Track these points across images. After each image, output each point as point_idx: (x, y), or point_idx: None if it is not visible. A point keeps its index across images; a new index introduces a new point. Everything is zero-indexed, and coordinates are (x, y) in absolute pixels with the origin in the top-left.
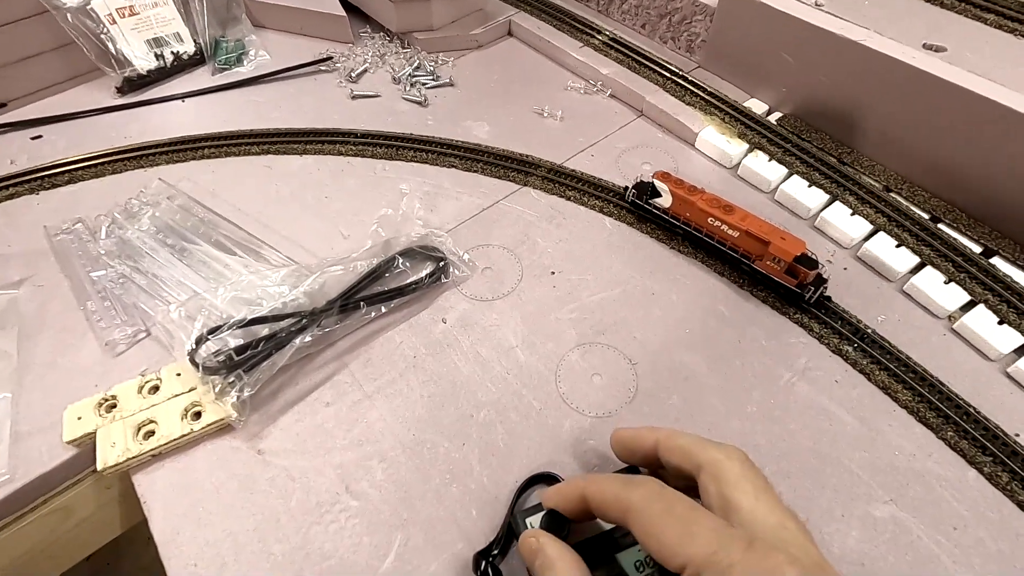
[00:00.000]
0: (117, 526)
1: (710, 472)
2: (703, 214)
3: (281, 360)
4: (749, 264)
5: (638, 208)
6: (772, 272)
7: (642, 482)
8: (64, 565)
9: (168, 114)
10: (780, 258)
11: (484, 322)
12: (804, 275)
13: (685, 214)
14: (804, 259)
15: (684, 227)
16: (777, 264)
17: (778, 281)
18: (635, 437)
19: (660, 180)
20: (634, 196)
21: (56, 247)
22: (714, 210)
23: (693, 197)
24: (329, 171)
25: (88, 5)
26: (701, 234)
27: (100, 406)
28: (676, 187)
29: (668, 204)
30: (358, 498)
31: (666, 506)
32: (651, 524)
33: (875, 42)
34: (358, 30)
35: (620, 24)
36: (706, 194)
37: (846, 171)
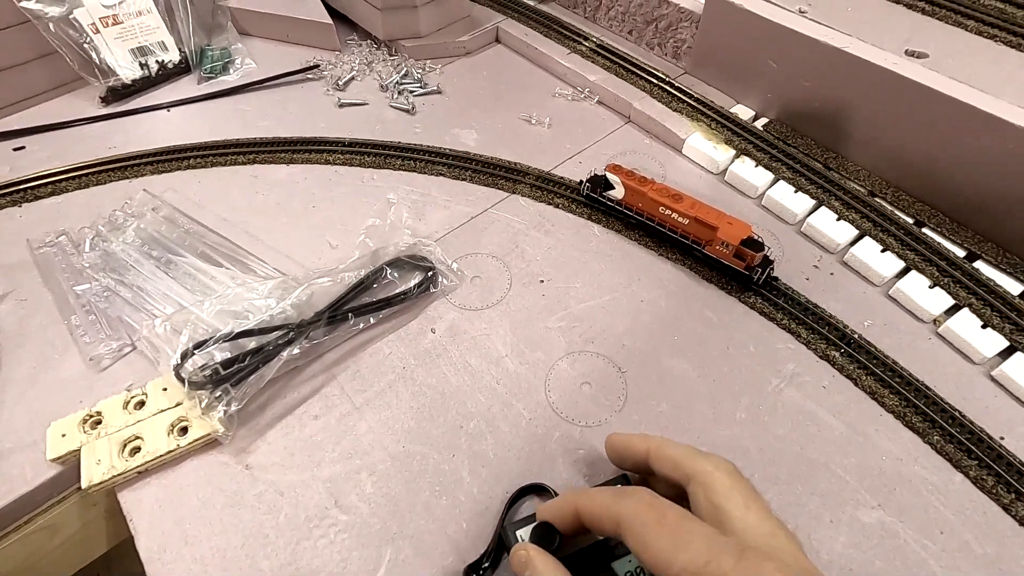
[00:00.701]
0: (104, 543)
1: (699, 482)
2: (654, 203)
3: (269, 373)
4: (700, 250)
5: (593, 201)
6: (722, 256)
7: (633, 492)
8: None
9: (153, 124)
10: (728, 242)
11: (473, 331)
12: (751, 258)
13: (637, 205)
14: (750, 242)
15: (637, 217)
16: (726, 248)
17: (727, 265)
18: (627, 444)
19: (612, 173)
20: (588, 190)
21: (39, 260)
22: (664, 199)
23: (644, 188)
24: (316, 180)
25: (71, 15)
26: (653, 223)
27: (85, 422)
28: (627, 179)
29: (621, 196)
30: (347, 512)
31: (658, 515)
32: (644, 534)
33: (858, 48)
34: (345, 38)
35: (607, 31)
36: (656, 184)
37: (831, 176)
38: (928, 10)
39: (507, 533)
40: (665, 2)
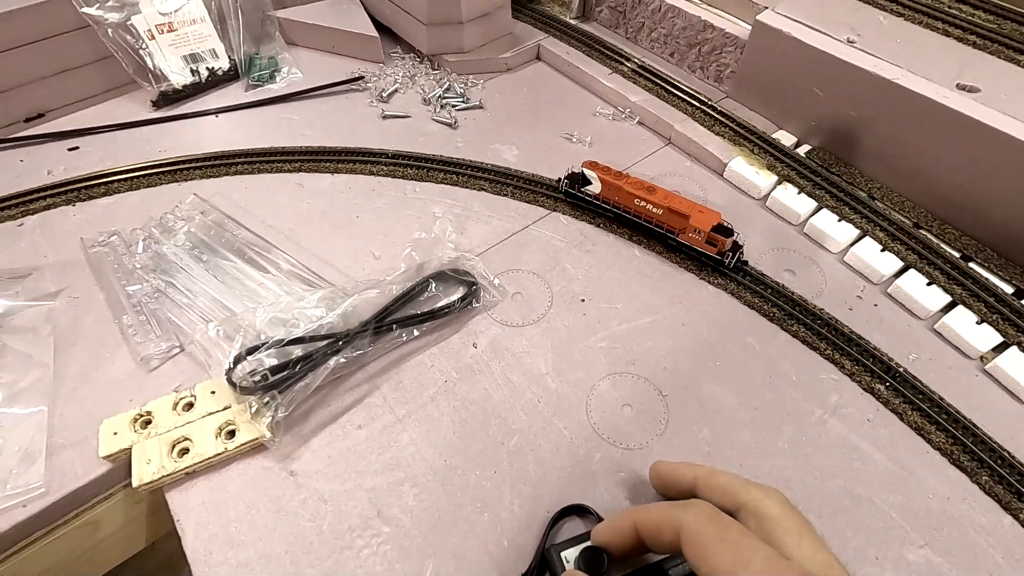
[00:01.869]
0: (142, 540)
1: (751, 511)
2: (630, 196)
3: (315, 382)
4: (675, 238)
5: (571, 196)
6: (695, 243)
7: (694, 503)
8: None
9: (201, 129)
10: (700, 229)
11: (515, 348)
12: (722, 243)
13: (614, 198)
14: (720, 228)
15: (614, 210)
16: (698, 235)
17: (700, 252)
18: (673, 472)
19: (589, 168)
20: (566, 186)
21: (92, 259)
22: (639, 192)
23: (620, 182)
24: (360, 191)
25: (128, 21)
26: (630, 215)
27: (135, 422)
28: (604, 174)
29: (598, 190)
30: (389, 523)
31: (719, 530)
32: (704, 547)
33: (909, 81)
34: (388, 50)
35: (648, 52)
36: (631, 178)
37: (876, 206)
38: (980, 44)
39: (551, 555)
40: (710, 26)
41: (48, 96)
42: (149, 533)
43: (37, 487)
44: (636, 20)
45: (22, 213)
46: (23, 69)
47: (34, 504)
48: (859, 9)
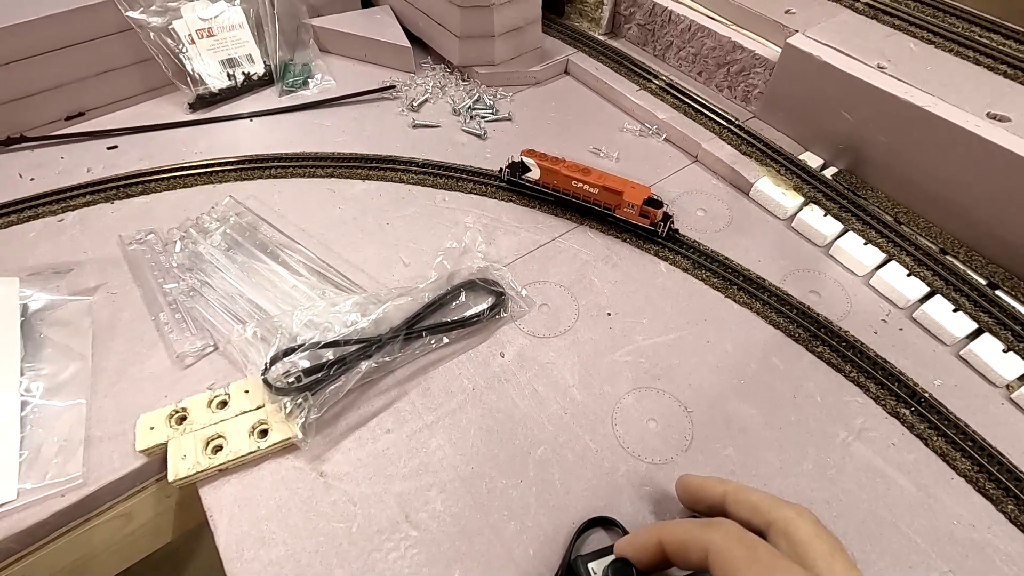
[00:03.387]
0: (169, 533)
1: (780, 529)
2: (567, 179)
3: (348, 385)
4: (612, 214)
5: (514, 185)
6: (630, 217)
7: (721, 523)
8: (116, 569)
9: (236, 132)
10: (633, 203)
11: (541, 359)
12: (654, 215)
13: (553, 182)
14: (652, 201)
15: (554, 194)
16: (632, 209)
17: (636, 224)
18: (703, 486)
19: (527, 156)
20: (508, 175)
21: (129, 256)
22: (575, 174)
23: (557, 166)
24: (390, 198)
25: (170, 25)
26: (569, 196)
27: (171, 417)
28: (541, 160)
29: (537, 176)
30: (417, 528)
31: (749, 551)
32: (734, 568)
33: (940, 109)
34: (419, 60)
35: (676, 70)
36: (567, 161)
37: (902, 231)
38: (1011, 74)
39: (579, 565)
40: (739, 47)
41: (89, 96)
42: (176, 527)
43: (76, 478)
44: (665, 38)
45: (63, 209)
46: (67, 69)
47: (72, 494)
48: (890, 35)
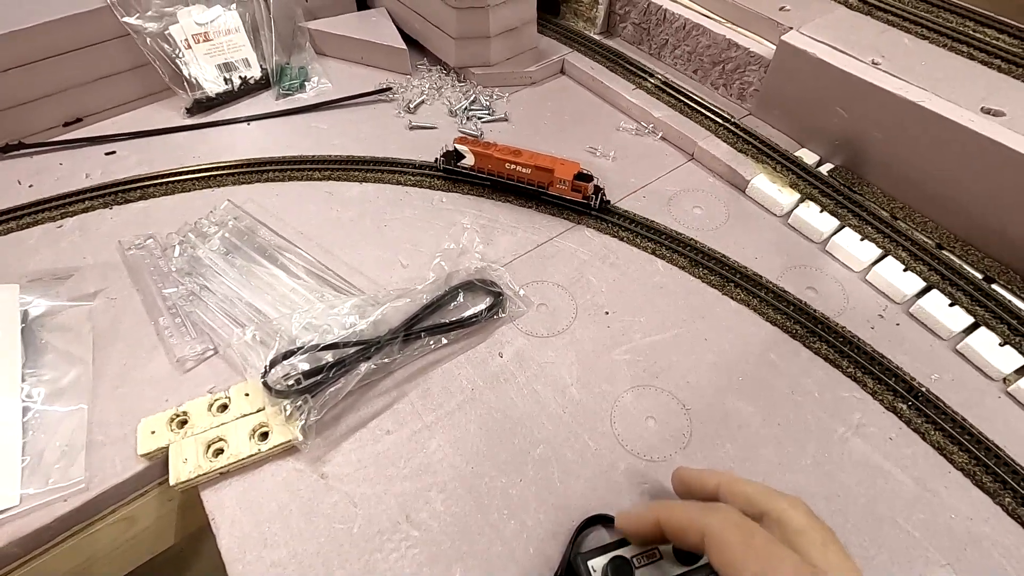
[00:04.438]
0: (172, 536)
1: (775, 519)
2: (500, 162)
3: (347, 387)
4: (546, 192)
5: (450, 173)
6: (563, 193)
7: (719, 508)
8: (119, 573)
9: (233, 136)
10: (564, 179)
11: (540, 359)
12: (585, 188)
13: (487, 167)
14: (582, 176)
15: (490, 177)
16: (564, 185)
17: (569, 199)
18: (698, 478)
19: (460, 144)
20: (443, 163)
21: (129, 261)
22: (508, 156)
23: (489, 151)
24: (387, 200)
25: (166, 30)
26: (503, 179)
27: (172, 421)
28: (474, 146)
29: (472, 162)
30: (418, 528)
31: (745, 536)
32: (730, 553)
33: (934, 104)
34: (415, 62)
35: (671, 68)
36: (499, 145)
37: (898, 226)
38: (1005, 68)
39: (579, 563)
40: (734, 45)
41: (87, 101)
42: (179, 530)
43: (79, 482)
44: (660, 37)
45: (62, 215)
46: (65, 75)
47: (75, 499)
48: (884, 31)
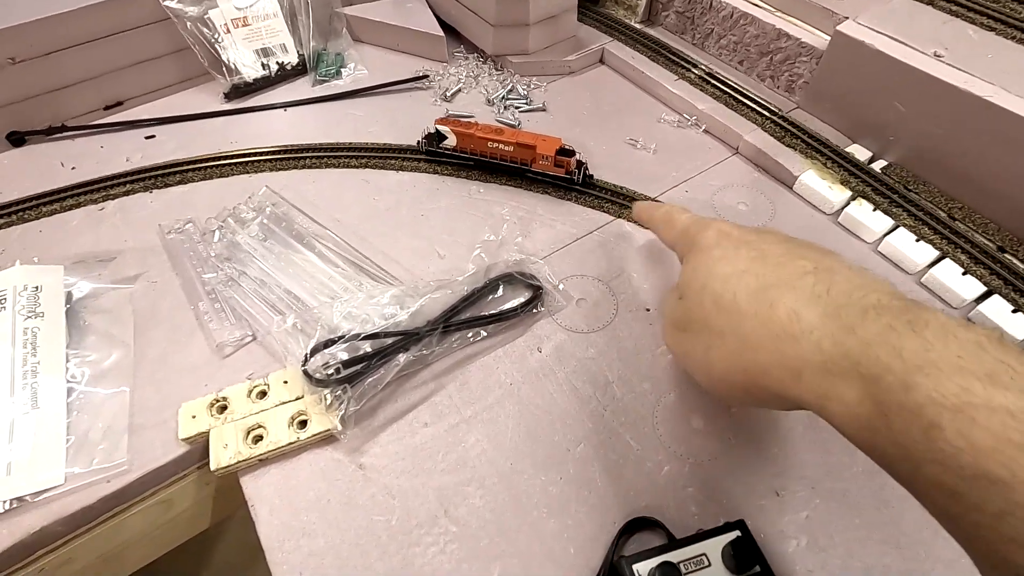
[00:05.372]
0: (207, 520)
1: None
2: (482, 141)
3: (387, 377)
4: (530, 169)
5: (433, 155)
6: (546, 169)
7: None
8: (154, 555)
9: (270, 122)
10: (547, 155)
11: (580, 354)
12: (568, 164)
13: (470, 147)
14: (564, 151)
15: (473, 157)
16: (547, 161)
17: (552, 175)
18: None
19: (442, 124)
20: (426, 145)
21: (168, 245)
22: (489, 136)
23: (471, 130)
24: (424, 189)
25: (206, 15)
26: (487, 158)
27: (212, 406)
28: (455, 126)
29: (454, 143)
30: (456, 523)
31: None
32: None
33: (1002, 99)
34: (452, 49)
35: (716, 59)
36: (480, 124)
37: (957, 227)
38: None
39: (622, 566)
40: (784, 35)
41: (127, 85)
42: (214, 514)
43: (121, 464)
44: (705, 26)
45: (103, 198)
46: (106, 59)
47: (117, 480)
48: (947, 22)
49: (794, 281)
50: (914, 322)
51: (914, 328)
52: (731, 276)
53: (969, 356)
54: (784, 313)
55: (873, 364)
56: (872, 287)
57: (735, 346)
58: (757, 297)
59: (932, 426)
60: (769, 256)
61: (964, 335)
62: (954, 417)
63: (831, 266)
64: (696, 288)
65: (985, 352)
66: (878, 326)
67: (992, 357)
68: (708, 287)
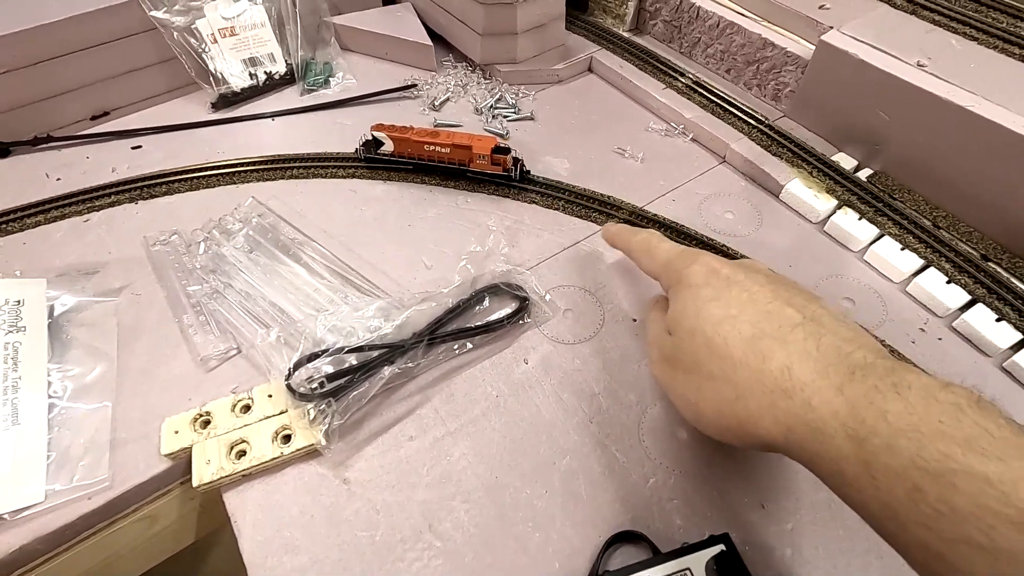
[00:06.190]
0: (192, 535)
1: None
2: (419, 144)
3: (371, 391)
4: (468, 170)
5: (371, 161)
6: (484, 168)
7: (699, 258)
8: (139, 570)
9: (258, 132)
10: (483, 154)
11: (566, 366)
12: (504, 161)
13: (407, 151)
14: (499, 149)
15: (411, 161)
16: (484, 160)
17: (491, 173)
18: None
19: (377, 131)
20: (364, 153)
21: (153, 257)
22: (425, 138)
23: (407, 134)
24: (412, 199)
25: (193, 24)
26: (424, 161)
27: (196, 421)
28: (391, 131)
29: (392, 148)
30: (441, 538)
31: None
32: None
33: (984, 109)
34: (440, 58)
35: (703, 67)
36: (415, 128)
37: (941, 236)
38: None
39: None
40: (770, 44)
41: (114, 95)
42: (199, 528)
43: (103, 480)
44: (692, 35)
45: (88, 209)
46: (92, 69)
47: (99, 497)
48: (930, 32)
49: (786, 335)
50: (898, 384)
51: (898, 390)
52: (723, 321)
53: (949, 420)
54: (777, 368)
55: (860, 426)
56: (858, 342)
57: (728, 393)
58: (751, 346)
59: (915, 489)
60: (759, 299)
61: (945, 397)
62: (935, 482)
63: (816, 315)
64: (687, 327)
65: (965, 415)
66: (864, 387)
67: (971, 420)
68: (699, 329)
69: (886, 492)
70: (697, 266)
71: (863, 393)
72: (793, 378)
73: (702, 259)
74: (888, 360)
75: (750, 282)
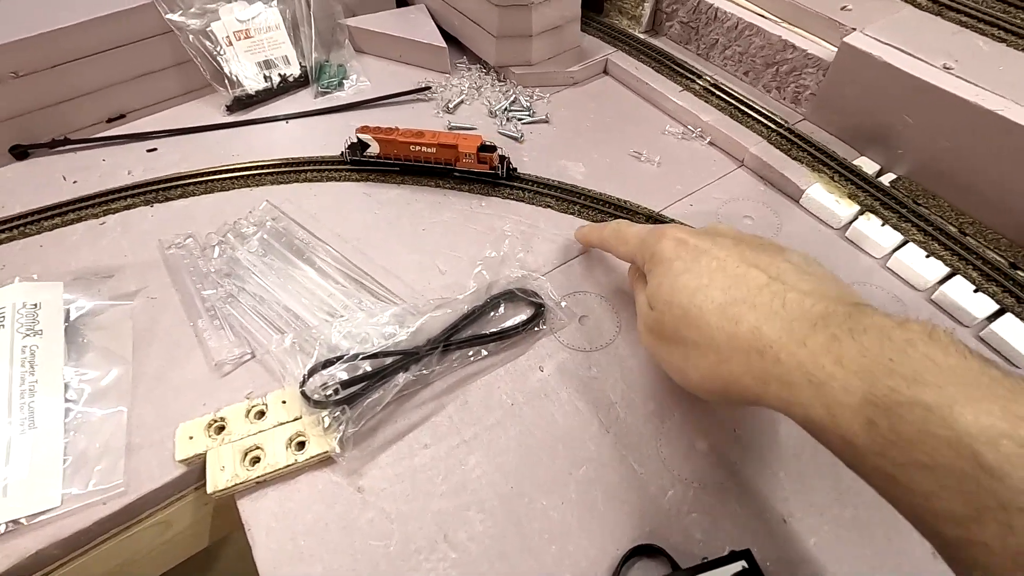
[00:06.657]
0: (205, 539)
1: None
2: (405, 145)
3: (386, 398)
4: (455, 169)
5: (358, 164)
6: (471, 166)
7: (665, 234)
8: (152, 575)
9: (272, 134)
10: (469, 153)
11: (582, 374)
12: (491, 159)
13: (393, 152)
14: (485, 147)
15: (398, 162)
16: (470, 158)
17: (478, 172)
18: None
19: (362, 133)
20: (349, 155)
21: (168, 260)
22: (411, 139)
23: (392, 136)
24: (426, 203)
25: (208, 27)
26: (411, 162)
27: (210, 427)
28: (376, 133)
29: (377, 150)
30: (456, 549)
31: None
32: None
33: (1013, 112)
34: (454, 61)
35: (721, 70)
36: (400, 129)
37: (968, 243)
38: None
39: None
40: (790, 46)
41: (130, 98)
42: (212, 533)
43: (118, 486)
44: (709, 37)
45: (104, 212)
46: (108, 72)
47: (114, 502)
48: (957, 33)
49: (754, 297)
50: (854, 329)
51: (854, 335)
52: (697, 291)
53: (899, 357)
54: (748, 330)
55: (819, 372)
56: (820, 293)
57: (712, 358)
58: (723, 313)
59: (869, 423)
60: (727, 265)
61: (898, 335)
62: (885, 415)
63: (781, 272)
64: (664, 300)
65: (915, 350)
66: (824, 336)
67: (920, 354)
68: (676, 302)
69: (845, 428)
70: (667, 240)
71: (822, 343)
72: (763, 338)
73: (670, 232)
74: (846, 306)
75: (717, 248)
